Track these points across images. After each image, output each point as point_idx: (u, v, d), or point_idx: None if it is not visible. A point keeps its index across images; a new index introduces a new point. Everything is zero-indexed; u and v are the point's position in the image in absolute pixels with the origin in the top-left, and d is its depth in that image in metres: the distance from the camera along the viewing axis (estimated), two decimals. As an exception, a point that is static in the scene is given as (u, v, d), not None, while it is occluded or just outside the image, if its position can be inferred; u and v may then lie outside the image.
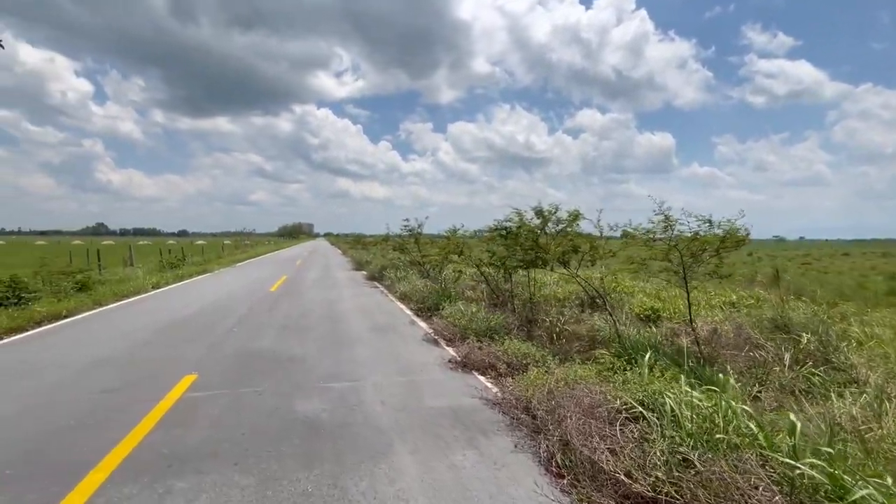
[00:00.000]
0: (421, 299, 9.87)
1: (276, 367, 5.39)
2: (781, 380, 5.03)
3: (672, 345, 6.39)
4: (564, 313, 9.08)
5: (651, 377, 3.61)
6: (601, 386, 3.83)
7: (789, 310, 7.55)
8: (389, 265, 16.42)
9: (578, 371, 4.46)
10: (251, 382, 4.82)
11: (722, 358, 5.96)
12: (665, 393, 3.08)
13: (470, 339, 6.34)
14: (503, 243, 8.55)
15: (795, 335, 6.67)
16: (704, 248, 5.37)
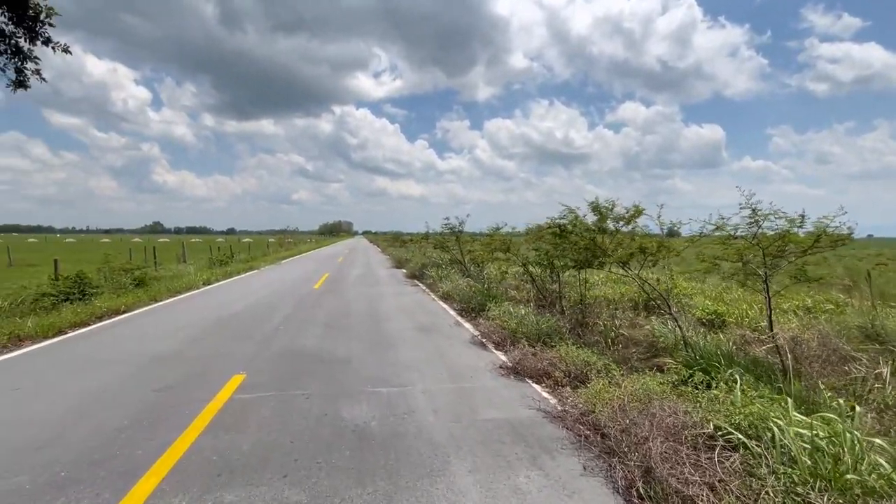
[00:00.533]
0: (464, 299, 9.59)
1: (322, 368, 5.27)
2: (886, 399, 4.38)
3: (745, 354, 5.79)
4: (618, 316, 8.55)
5: (746, 398, 3.14)
6: (681, 404, 3.40)
7: (883, 317, 6.71)
8: (430, 263, 16.26)
9: (649, 384, 4.03)
10: (298, 384, 4.70)
11: (807, 372, 5.32)
12: (771, 418, 2.63)
13: (521, 344, 6.00)
14: (553, 241, 8.12)
15: (892, 346, 5.91)
16: (785, 247, 4.78)
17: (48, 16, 9.20)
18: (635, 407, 3.51)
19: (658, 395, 3.73)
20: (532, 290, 10.41)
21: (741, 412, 2.83)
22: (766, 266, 5.00)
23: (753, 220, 4.69)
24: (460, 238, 14.97)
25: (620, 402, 3.64)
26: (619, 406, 3.52)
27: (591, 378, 4.67)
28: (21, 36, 9.41)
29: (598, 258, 6.15)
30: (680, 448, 2.74)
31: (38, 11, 9.03)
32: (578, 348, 5.36)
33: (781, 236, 4.70)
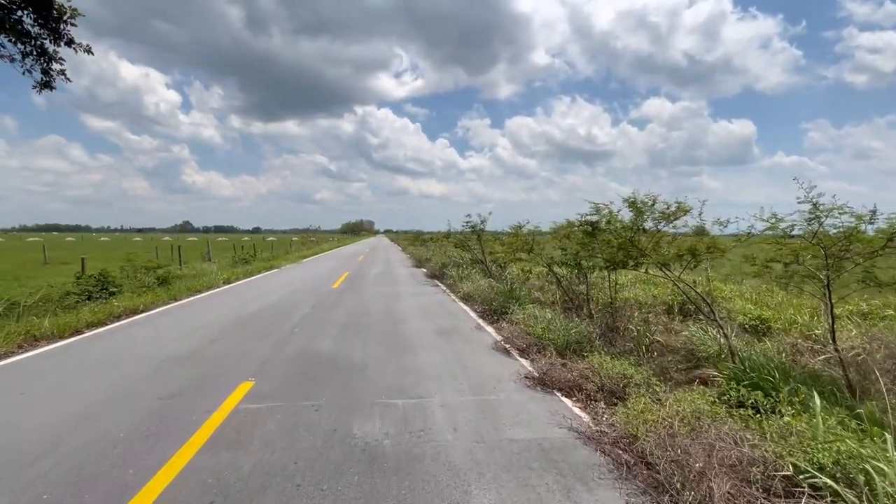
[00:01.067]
0: (486, 300, 9.17)
1: (336, 374, 4.95)
2: None
3: (799, 367, 5.19)
4: (650, 320, 7.98)
5: (831, 431, 2.61)
6: (743, 431, 2.91)
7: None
8: (450, 263, 15.89)
9: (698, 403, 3.54)
10: (309, 394, 4.39)
11: (875, 388, 4.69)
12: (866, 458, 2.14)
13: (548, 351, 5.55)
14: (581, 241, 7.61)
15: None
16: (850, 246, 4.20)
17: (72, 16, 9.20)
18: (686, 432, 3.04)
19: (710, 418, 3.25)
20: (557, 292, 9.91)
21: (824, 448, 2.33)
22: (828, 268, 4.43)
23: (814, 216, 4.13)
24: (482, 237, 14.54)
25: (668, 426, 3.18)
26: (667, 431, 3.06)
27: (629, 393, 4.20)
28: (46, 37, 9.45)
29: (633, 259, 5.64)
30: (748, 490, 2.28)
31: (63, 12, 9.03)
32: (612, 358, 4.88)
33: (847, 235, 4.12)
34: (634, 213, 5.61)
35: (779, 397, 3.67)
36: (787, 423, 2.79)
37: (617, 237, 5.68)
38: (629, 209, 5.70)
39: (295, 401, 4.21)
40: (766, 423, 2.94)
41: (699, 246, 5.00)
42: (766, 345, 6.19)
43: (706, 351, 5.96)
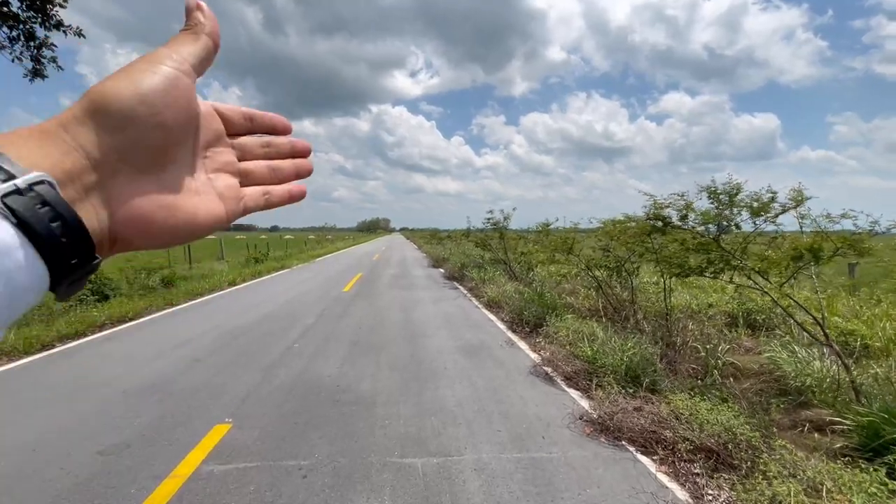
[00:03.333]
0: (515, 308, 7.98)
1: (336, 414, 3.85)
2: None
3: None
4: (709, 334, 6.70)
5: None
6: None
7: None
8: (470, 263, 14.73)
9: (867, 487, 2.32)
10: (297, 446, 3.29)
11: None
12: None
13: (606, 381, 4.36)
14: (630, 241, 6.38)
15: None
16: None
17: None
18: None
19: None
20: (598, 299, 8.67)
21: None
22: None
23: None
24: (505, 235, 13.35)
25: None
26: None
27: (735, 456, 2.99)
28: (36, 20, 8.59)
29: (714, 263, 4.39)
30: None
31: (50, -7, 8.19)
32: (702, 399, 3.65)
33: None
34: (717, 206, 4.37)
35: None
36: None
37: (695, 237, 4.44)
38: (710, 200, 4.45)
39: (277, 458, 3.12)
40: None
41: (824, 246, 3.73)
42: (874, 370, 4.90)
43: (801, 380, 4.70)
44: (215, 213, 0.35)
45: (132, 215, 0.30)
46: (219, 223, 0.36)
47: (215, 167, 0.37)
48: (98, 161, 0.28)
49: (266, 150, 0.41)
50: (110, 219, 0.29)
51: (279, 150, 0.42)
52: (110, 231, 0.30)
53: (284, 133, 0.42)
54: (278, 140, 0.42)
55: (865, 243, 3.65)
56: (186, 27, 0.34)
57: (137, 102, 0.29)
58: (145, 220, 0.31)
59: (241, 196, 0.38)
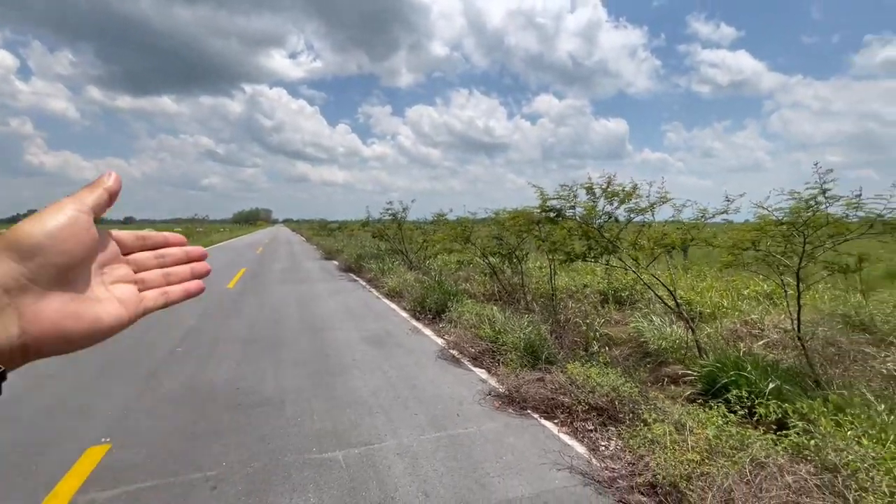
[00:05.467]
0: (416, 297, 8.13)
1: (242, 420, 3.56)
2: None
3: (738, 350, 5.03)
4: (586, 311, 7.66)
5: None
6: (801, 464, 2.31)
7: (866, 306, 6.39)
8: (367, 254, 14.52)
9: (719, 423, 2.93)
10: (201, 459, 2.98)
11: (828, 375, 4.63)
12: None
13: (509, 358, 4.72)
14: (519, 229, 6.95)
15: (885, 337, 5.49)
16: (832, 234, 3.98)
17: None
18: (732, 469, 2.37)
19: (737, 443, 2.64)
20: (493, 285, 9.25)
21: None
22: (802, 254, 4.18)
23: (808, 206, 3.79)
24: (403, 226, 13.44)
25: (698, 461, 2.49)
26: (699, 470, 2.35)
27: (620, 410, 3.51)
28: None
29: (597, 250, 5.03)
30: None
31: None
32: (591, 366, 4.18)
33: (833, 222, 3.86)
34: (605, 200, 4.99)
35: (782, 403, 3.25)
36: (868, 449, 2.22)
37: (580, 225, 5.02)
38: (586, 194, 5.06)
39: (177, 474, 2.80)
40: (832, 452, 2.37)
41: (672, 236, 4.51)
42: (707, 331, 6.08)
43: (658, 343, 5.64)
44: (116, 315, 0.43)
45: (42, 324, 0.37)
46: (121, 323, 0.44)
47: (113, 280, 0.45)
48: (9, 286, 0.35)
49: (160, 261, 0.50)
50: (21, 332, 0.36)
51: (174, 258, 0.51)
52: (21, 343, 0.36)
53: (179, 245, 0.52)
54: (172, 251, 0.51)
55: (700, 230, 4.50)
56: (90, 184, 0.43)
57: (44, 237, 0.37)
58: (55, 328, 0.38)
59: (141, 299, 0.47)
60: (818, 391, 3.90)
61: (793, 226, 3.96)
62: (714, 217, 4.78)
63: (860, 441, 2.38)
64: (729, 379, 3.98)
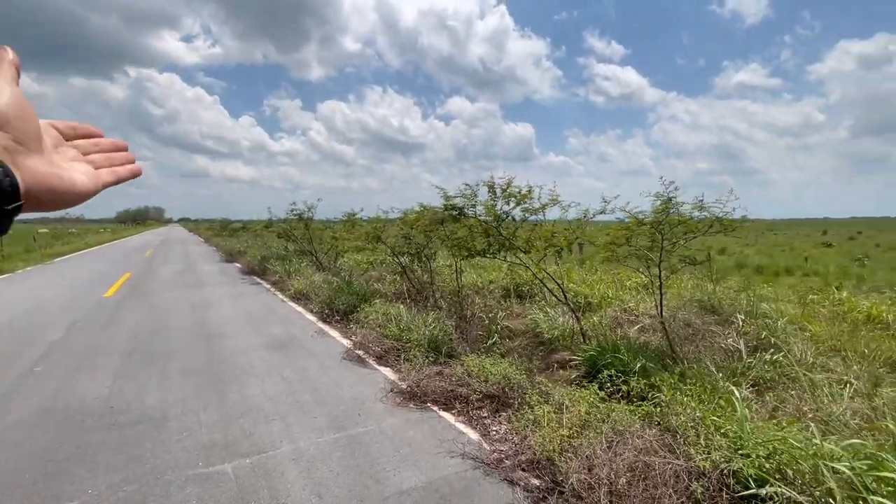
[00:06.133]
0: (324, 299, 7.94)
1: (115, 441, 3.23)
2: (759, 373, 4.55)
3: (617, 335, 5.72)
4: (490, 305, 8.09)
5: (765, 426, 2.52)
6: (649, 429, 2.71)
7: (718, 292, 7.54)
8: (272, 255, 13.78)
9: (591, 400, 3.31)
10: (60, 487, 2.66)
11: (684, 352, 5.43)
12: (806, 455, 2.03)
13: (413, 354, 4.84)
14: (428, 228, 7.13)
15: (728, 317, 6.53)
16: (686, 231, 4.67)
17: None
18: (595, 440, 2.71)
19: (604, 416, 3.02)
20: (403, 283, 9.33)
21: (758, 444, 2.21)
22: (662, 250, 4.84)
23: (665, 207, 4.40)
24: (310, 225, 12.97)
25: (568, 435, 2.81)
26: (569, 443, 2.66)
27: (510, 396, 3.80)
28: None
29: (495, 247, 5.35)
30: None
31: None
32: (487, 357, 4.45)
33: (683, 221, 4.53)
34: (493, 197, 5.31)
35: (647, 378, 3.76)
36: (704, 417, 2.68)
37: (480, 224, 5.30)
38: (489, 193, 5.37)
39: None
40: (673, 416, 2.82)
41: (562, 236, 4.95)
42: (594, 320, 6.76)
43: (551, 333, 6.15)
44: (86, 183, 0.50)
45: (36, 178, 0.43)
46: (89, 191, 0.50)
47: (69, 158, 0.51)
48: (7, 146, 0.42)
49: (98, 148, 0.57)
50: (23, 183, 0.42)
51: (106, 147, 0.58)
52: (26, 190, 0.42)
53: (101, 136, 0.58)
54: (102, 141, 0.58)
55: (585, 235, 5.01)
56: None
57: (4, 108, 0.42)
58: (46, 182, 0.44)
59: (98, 175, 0.53)
60: (675, 366, 4.55)
61: (653, 225, 4.58)
62: (595, 217, 5.34)
63: (692, 405, 2.86)
64: (606, 361, 4.48)
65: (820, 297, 7.41)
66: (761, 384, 4.29)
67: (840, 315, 6.52)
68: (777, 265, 15.30)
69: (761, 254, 19.54)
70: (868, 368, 4.47)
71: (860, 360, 4.77)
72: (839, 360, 4.87)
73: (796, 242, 28.39)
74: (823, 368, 4.61)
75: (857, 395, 3.81)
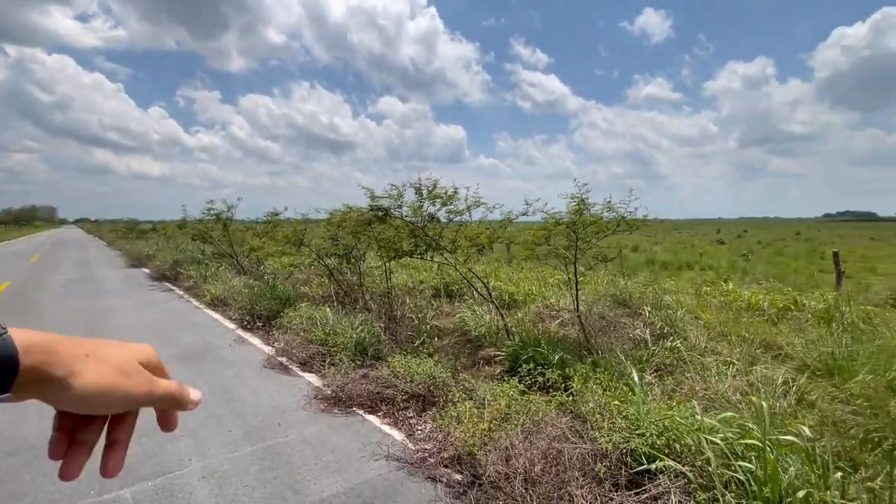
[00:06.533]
0: (245, 305, 7.49)
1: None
2: (661, 358, 5.02)
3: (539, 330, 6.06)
4: (421, 305, 8.14)
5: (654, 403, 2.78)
6: (562, 417, 2.89)
7: (629, 287, 8.19)
8: (187, 259, 12.74)
9: (511, 394, 3.45)
10: None
11: (597, 343, 5.84)
12: (689, 430, 2.28)
13: (339, 359, 4.72)
14: (355, 229, 7.01)
15: (637, 309, 7.13)
16: (598, 231, 5.02)
17: None
18: (512, 432, 2.83)
19: (523, 408, 3.17)
20: (330, 286, 9.07)
21: (651, 426, 2.44)
22: (576, 248, 5.16)
23: (579, 208, 4.70)
24: (230, 226, 12.16)
25: (488, 429, 2.92)
26: (489, 437, 2.77)
27: (436, 395, 3.86)
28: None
29: (422, 247, 5.38)
30: (601, 490, 2.15)
31: None
32: (413, 357, 4.47)
33: (595, 221, 4.87)
34: (426, 199, 5.34)
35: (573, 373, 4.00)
36: (607, 402, 2.90)
37: (407, 224, 5.30)
38: (415, 194, 5.40)
39: None
40: (582, 404, 3.02)
41: (484, 236, 5.10)
42: (518, 316, 7.05)
43: (478, 330, 6.32)
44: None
45: None
46: None
47: None
48: None
49: None
50: None
51: None
52: None
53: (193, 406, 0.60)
54: None
55: (507, 235, 5.22)
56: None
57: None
58: None
59: None
60: (589, 356, 4.88)
61: (568, 225, 4.88)
62: (518, 217, 5.56)
63: (598, 392, 3.09)
64: (528, 355, 4.69)
65: (712, 289, 8.32)
66: (663, 369, 4.72)
67: (727, 304, 7.38)
68: (680, 261, 16.97)
69: (667, 251, 21.55)
70: (747, 350, 5.11)
71: (741, 343, 5.43)
72: (726, 343, 5.50)
73: (696, 240, 31.68)
74: (713, 352, 5.18)
75: (738, 373, 4.34)
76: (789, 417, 3.18)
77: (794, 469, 2.08)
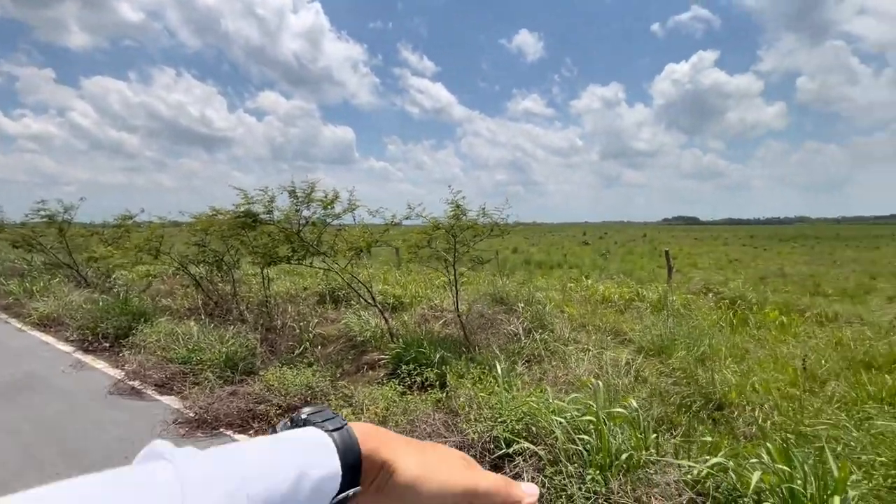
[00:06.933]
0: (86, 323, 6.39)
1: None
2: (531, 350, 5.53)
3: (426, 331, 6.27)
4: (304, 313, 7.81)
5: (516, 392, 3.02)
6: (437, 413, 3.02)
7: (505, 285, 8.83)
8: (6, 271, 10.43)
9: (390, 396, 3.50)
10: None
11: (476, 340, 6.21)
12: (543, 413, 2.55)
13: (204, 377, 4.29)
14: (224, 234, 6.45)
15: (512, 306, 7.75)
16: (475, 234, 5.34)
17: None
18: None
19: (401, 409, 3.25)
20: (197, 296, 8.18)
21: (512, 411, 2.67)
22: (455, 251, 5.42)
23: (456, 213, 4.94)
24: (67, 231, 10.24)
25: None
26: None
27: (313, 404, 3.74)
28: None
29: (299, 252, 5.16)
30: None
31: None
32: (289, 368, 4.26)
33: (471, 225, 5.16)
34: (296, 202, 5.13)
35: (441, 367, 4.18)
36: (479, 396, 3.10)
37: (281, 230, 5.03)
38: (290, 198, 5.16)
39: None
40: (455, 399, 3.19)
41: (363, 240, 5.09)
42: (404, 318, 7.17)
43: (363, 335, 6.28)
44: None
45: None
46: None
47: None
48: None
49: None
50: None
51: None
52: None
53: None
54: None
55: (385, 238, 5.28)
56: None
57: None
58: None
59: None
60: (468, 353, 5.15)
61: (447, 229, 5.11)
62: (402, 221, 5.65)
63: (468, 386, 3.31)
64: (411, 356, 4.79)
65: (575, 285, 9.38)
66: (533, 359, 5.19)
67: (587, 298, 8.39)
68: (552, 260, 18.79)
69: (542, 252, 23.70)
70: (600, 337, 5.87)
71: (597, 332, 6.22)
72: (584, 333, 6.25)
73: (565, 242, 35.34)
74: (574, 341, 5.84)
75: (593, 358, 4.97)
76: (628, 392, 3.76)
77: (623, 436, 2.47)
